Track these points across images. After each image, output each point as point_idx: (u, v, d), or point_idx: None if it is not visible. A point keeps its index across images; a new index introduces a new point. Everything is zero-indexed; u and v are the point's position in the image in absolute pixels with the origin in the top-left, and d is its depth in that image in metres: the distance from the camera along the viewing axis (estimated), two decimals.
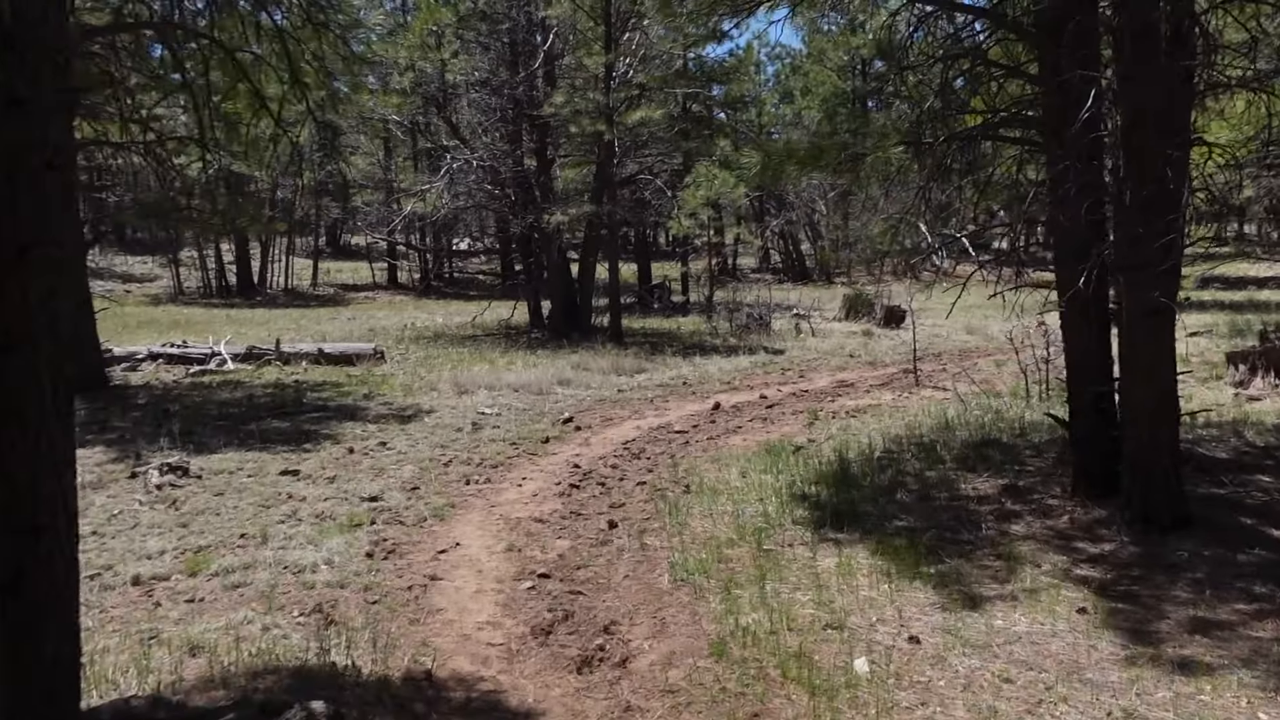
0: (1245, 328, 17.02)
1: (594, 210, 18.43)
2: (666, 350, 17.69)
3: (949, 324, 21.98)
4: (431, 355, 17.82)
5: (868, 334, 19.97)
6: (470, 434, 10.39)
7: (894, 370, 15.09)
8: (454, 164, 19.42)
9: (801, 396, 12.59)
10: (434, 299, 35.40)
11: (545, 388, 13.39)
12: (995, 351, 17.27)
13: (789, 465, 8.06)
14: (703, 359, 16.54)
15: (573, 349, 17.85)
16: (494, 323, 22.53)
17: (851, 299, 23.30)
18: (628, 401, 12.50)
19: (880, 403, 11.58)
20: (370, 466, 8.88)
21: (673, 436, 10.05)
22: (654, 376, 14.67)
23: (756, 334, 19.87)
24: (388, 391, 13.43)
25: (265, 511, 7.38)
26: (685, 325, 22.84)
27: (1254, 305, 23.86)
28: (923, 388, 12.64)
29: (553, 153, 21.09)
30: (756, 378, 14.42)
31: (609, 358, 16.11)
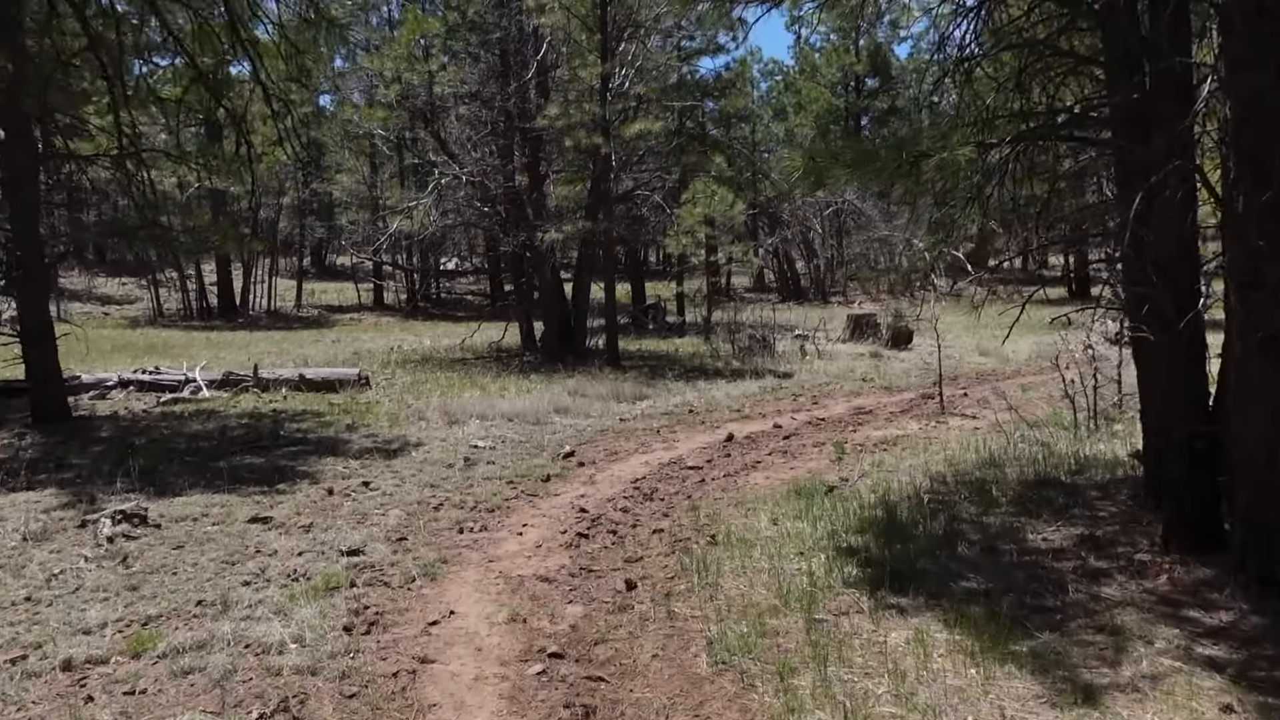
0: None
1: (590, 227, 17.54)
2: (667, 374, 16.78)
3: (958, 344, 21.17)
4: (419, 380, 16.86)
5: (876, 356, 19.11)
6: (463, 471, 9.43)
7: (912, 395, 14.20)
8: (442, 179, 18.51)
9: (819, 425, 11.68)
10: (421, 320, 34.45)
11: (542, 416, 12.45)
12: (1014, 374, 16.43)
13: (825, 510, 7.13)
14: (707, 384, 15.63)
15: (568, 373, 16.92)
16: (484, 345, 21.58)
17: (856, 319, 22.44)
18: (632, 432, 11.56)
19: (908, 433, 10.67)
20: (351, 511, 7.91)
21: (686, 473, 9.11)
22: (657, 404, 13.75)
23: (760, 356, 18.98)
24: (372, 421, 12.46)
25: (229, 570, 6.40)
26: (683, 347, 21.95)
27: None
28: (950, 415, 11.75)
29: (545, 168, 20.22)
30: (767, 404, 13.51)
31: (607, 383, 15.18)
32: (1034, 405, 12.44)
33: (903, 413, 12.56)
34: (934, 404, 13.20)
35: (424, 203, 18.60)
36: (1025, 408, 12.17)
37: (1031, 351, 18.96)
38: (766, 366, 17.60)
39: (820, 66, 50.11)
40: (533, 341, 20.71)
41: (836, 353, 19.36)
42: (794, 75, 50.74)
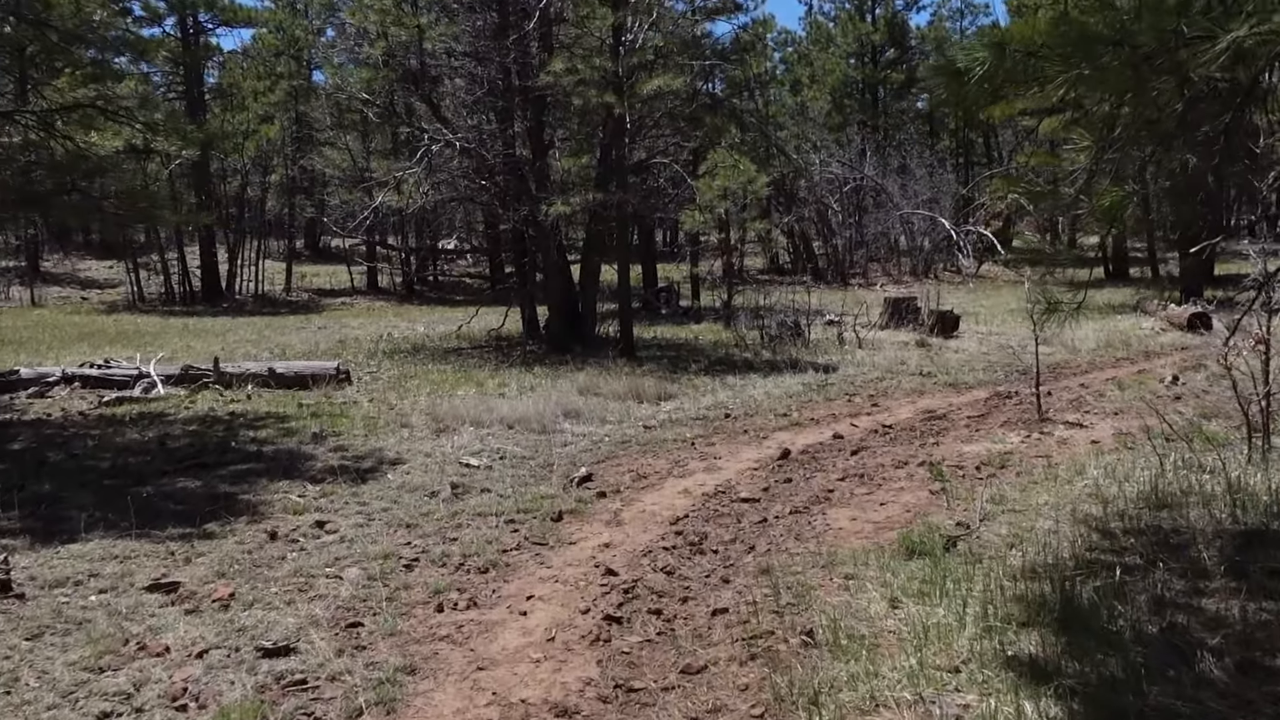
0: None
1: (601, 199, 15.35)
2: (690, 367, 14.63)
3: (1010, 332, 19.00)
4: (407, 374, 14.73)
5: (923, 345, 16.93)
6: (449, 504, 7.30)
7: (985, 394, 12.05)
8: (433, 147, 16.31)
9: (889, 436, 9.54)
10: (416, 305, 32.27)
11: (549, 423, 10.31)
12: (1090, 367, 14.28)
13: (959, 580, 4.99)
14: (739, 379, 13.48)
15: (577, 366, 14.77)
16: (482, 333, 19.43)
17: (895, 303, 20.25)
18: (661, 445, 9.42)
19: (1010, 448, 8.51)
20: (294, 571, 5.78)
21: (740, 508, 6.98)
22: (685, 405, 11.61)
23: (793, 346, 16.81)
24: (345, 429, 10.33)
25: (88, 685, 4.28)
26: (702, 334, 19.78)
27: None
28: (1050, 422, 9.58)
29: (550, 135, 18.02)
30: (817, 407, 11.36)
31: (624, 378, 13.04)
32: (1142, 408, 10.27)
33: (982, 417, 10.41)
34: (1016, 405, 11.06)
35: (413, 173, 16.41)
36: (1137, 413, 10.02)
37: (1098, 339, 16.81)
38: (803, 358, 15.44)
39: (835, 36, 47.75)
40: (536, 329, 18.57)
41: (878, 341, 17.20)
42: (807, 46, 48.32)
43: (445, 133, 16.37)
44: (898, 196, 39.72)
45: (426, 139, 16.33)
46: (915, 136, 48.42)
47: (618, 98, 14.87)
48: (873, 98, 47.63)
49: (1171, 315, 19.86)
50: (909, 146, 46.56)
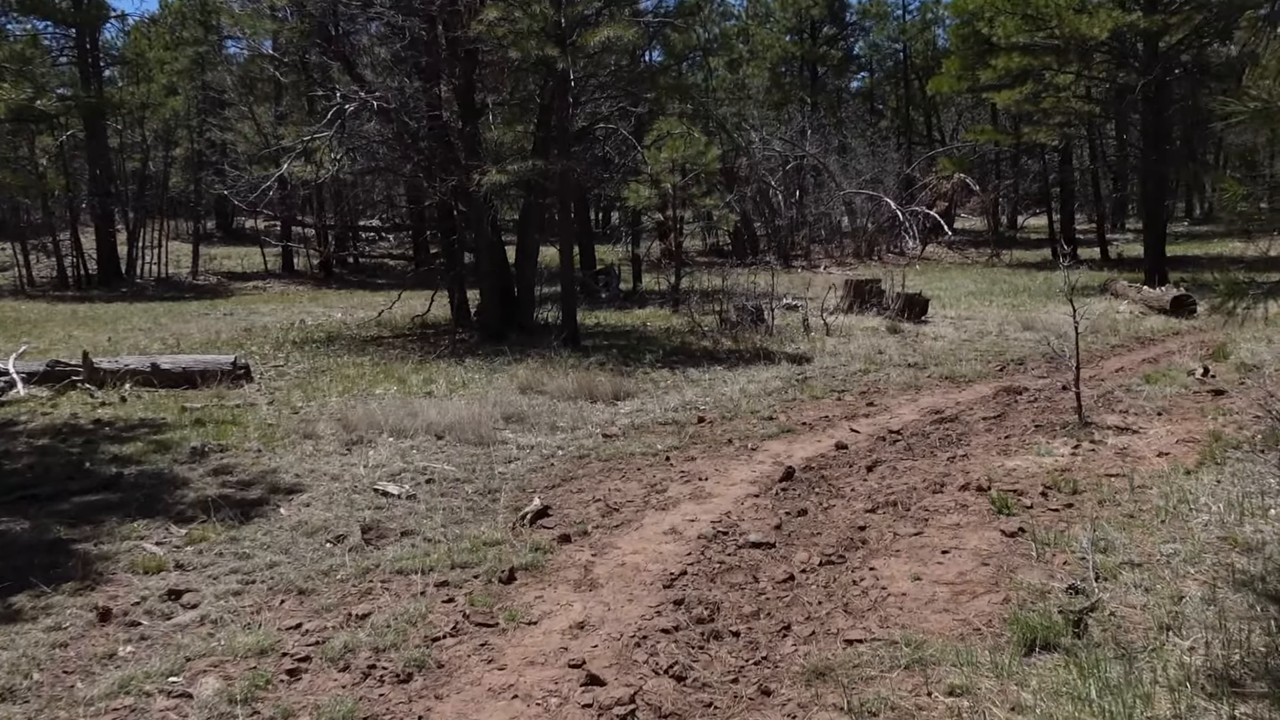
0: None
1: (542, 167, 13.45)
2: (645, 358, 12.85)
3: (985, 315, 17.55)
4: (318, 368, 12.75)
5: (896, 331, 15.36)
6: (358, 554, 5.43)
7: (986, 389, 10.48)
8: (346, 108, 14.23)
9: (901, 445, 7.87)
10: (334, 289, 29.95)
11: (486, 431, 8.44)
12: (1091, 356, 12.80)
13: (1119, 689, 3.30)
14: (703, 373, 11.74)
15: (515, 357, 12.92)
16: (406, 319, 17.43)
17: (857, 286, 18.67)
18: (629, 460, 7.62)
19: (1065, 464, 6.85)
20: (118, 685, 3.88)
21: (752, 558, 5.22)
22: (648, 406, 9.82)
23: (754, 333, 15.13)
24: (235, 441, 8.36)
25: None
26: (650, 320, 18.02)
27: None
28: (1092, 427, 7.97)
29: (482, 97, 16.03)
30: (804, 407, 9.65)
31: (572, 373, 11.22)
32: (1188, 408, 8.77)
33: (999, 418, 8.80)
34: (1032, 402, 9.49)
35: (323, 138, 14.33)
36: (1183, 414, 8.50)
37: (1084, 325, 15.34)
38: (770, 347, 13.75)
39: (774, 10, 46.18)
40: (467, 314, 16.62)
41: (846, 327, 15.58)
42: (745, 20, 46.67)
43: (360, 93, 14.29)
44: (840, 176, 38.37)
45: (339, 95, 14.22)
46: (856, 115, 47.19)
47: (560, 51, 12.98)
48: (812, 75, 46.19)
49: (1149, 298, 18.60)
50: (850, 125, 45.28)
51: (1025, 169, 42.90)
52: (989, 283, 25.45)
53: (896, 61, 47.65)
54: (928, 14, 44.91)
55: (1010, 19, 22.88)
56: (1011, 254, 35.76)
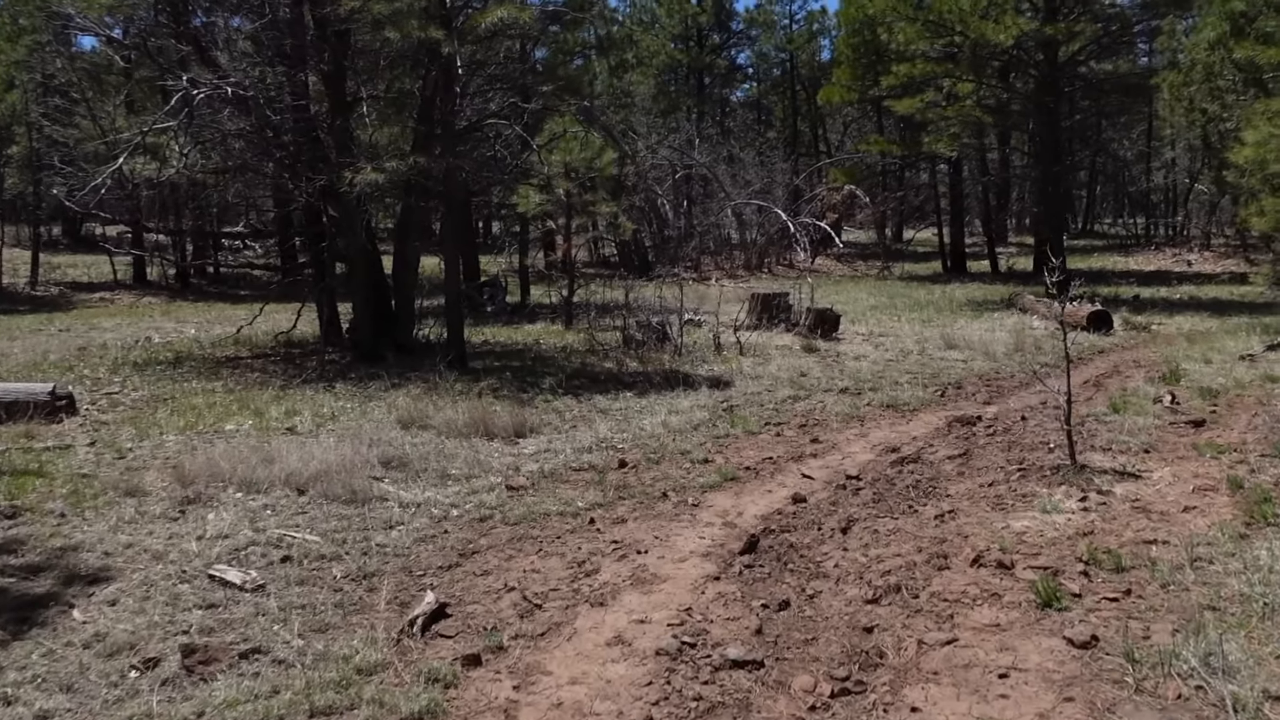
0: None
1: (424, 166, 11.81)
2: (544, 382, 11.30)
3: (900, 332, 16.55)
4: (161, 396, 10.85)
5: (811, 350, 14.20)
6: (171, 695, 3.80)
7: (935, 419, 9.30)
8: (197, 95, 12.30)
9: (867, 495, 6.55)
10: (191, 301, 27.38)
11: (362, 483, 6.79)
12: (1028, 379, 11.80)
13: None
14: (612, 400, 10.28)
15: (394, 381, 11.26)
16: (268, 336, 15.48)
17: (763, 300, 17.47)
18: (544, 523, 6.08)
19: (1082, 524, 5.60)
20: None
21: (738, 686, 3.77)
22: (557, 445, 8.30)
23: (659, 351, 13.76)
24: (33, 500, 6.53)
25: None
26: (543, 336, 16.48)
27: None
28: (1088, 471, 6.77)
29: (356, 87, 14.26)
30: (740, 444, 8.27)
31: (462, 402, 9.65)
32: (1177, 444, 7.71)
33: (965, 458, 7.58)
34: (991, 434, 8.31)
35: (167, 128, 12.38)
36: (1177, 451, 7.42)
37: (1007, 343, 14.48)
38: (680, 368, 12.40)
39: (660, 16, 45.15)
40: (338, 332, 14.79)
41: (759, 346, 14.33)
42: (631, 26, 45.50)
43: (208, 78, 12.36)
44: (729, 186, 37.53)
45: (185, 82, 12.27)
46: (744, 125, 46.60)
47: (446, 33, 11.38)
48: (699, 83, 45.29)
49: (1054, 311, 17.93)
50: (738, 135, 44.54)
51: (911, 181, 42.87)
52: (887, 297, 24.67)
53: (783, 71, 47.16)
54: (814, 24, 44.57)
55: (910, 25, 22.19)
56: (902, 267, 35.41)
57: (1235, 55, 14.05)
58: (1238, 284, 25.33)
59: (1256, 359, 12.27)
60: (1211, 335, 15.18)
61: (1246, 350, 12.84)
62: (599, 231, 35.25)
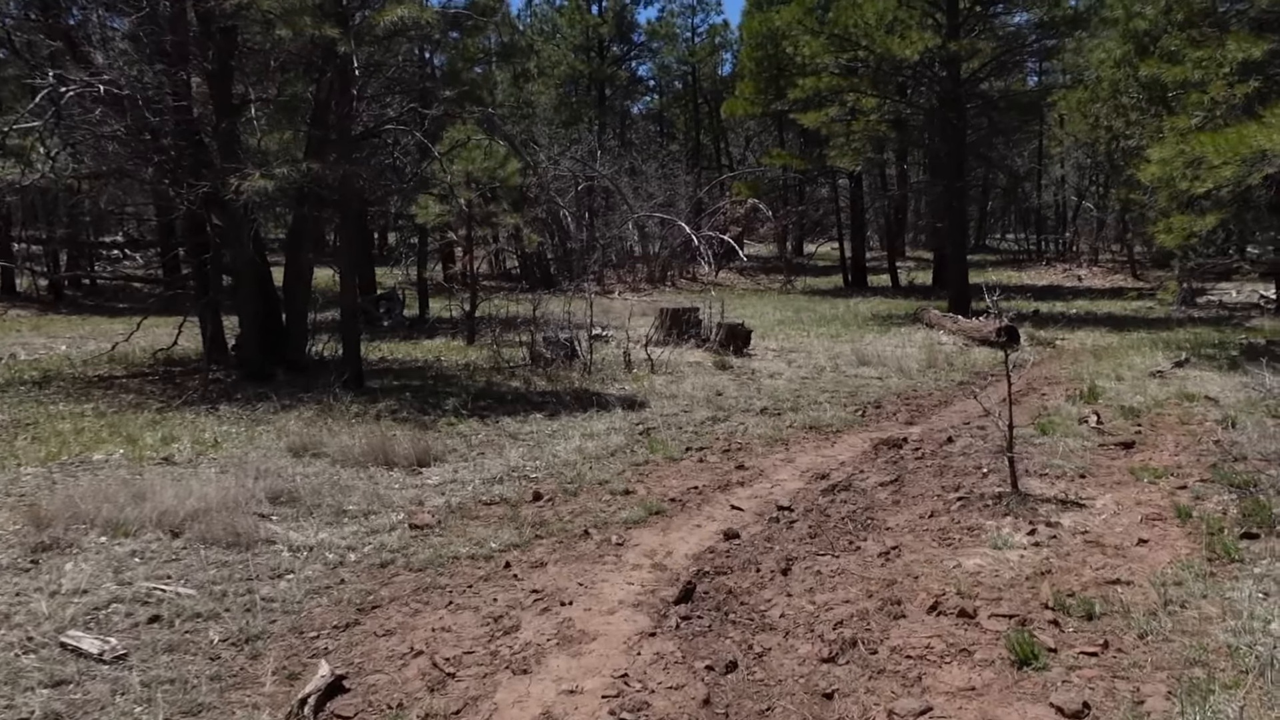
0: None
1: (317, 172, 11.05)
2: (446, 403, 10.64)
3: (812, 348, 16.27)
4: (22, 420, 9.87)
5: (725, 367, 13.82)
6: None
7: (859, 441, 8.94)
8: (65, 93, 11.31)
9: (801, 530, 6.09)
10: (65, 314, 25.77)
11: (247, 524, 6.07)
12: (945, 397, 11.60)
13: None
14: (521, 423, 9.69)
15: (284, 403, 10.49)
16: (147, 353, 14.43)
17: (672, 314, 17.05)
18: (454, 569, 5.46)
19: (1036, 560, 5.18)
20: None
21: None
22: (463, 474, 7.67)
23: (568, 369, 13.20)
24: None
25: None
26: (444, 353, 15.76)
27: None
28: (1030, 500, 6.42)
29: (244, 87, 13.39)
30: (662, 472, 7.75)
31: (359, 425, 8.98)
32: (1111, 467, 7.46)
33: (897, 483, 7.21)
34: (919, 457, 7.97)
35: (30, 128, 11.37)
36: (1113, 474, 7.16)
37: (919, 359, 14.32)
38: (591, 387, 11.86)
39: (561, 26, 44.65)
40: (223, 348, 13.85)
41: (670, 363, 13.87)
42: (532, 36, 44.87)
43: (79, 76, 11.39)
44: (631, 199, 37.18)
45: (52, 76, 11.27)
46: (646, 137, 46.38)
47: (342, 32, 10.66)
48: (600, 95, 44.87)
49: (968, 329, 17.93)
50: (640, 147, 44.24)
51: (812, 196, 43.10)
52: (793, 311, 24.54)
53: (685, 84, 47.07)
54: (715, 37, 44.54)
55: (815, 40, 22.08)
56: (804, 281, 35.49)
57: (1141, 73, 14.14)
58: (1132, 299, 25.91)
59: (1166, 375, 12.29)
60: (1116, 351, 15.25)
61: (1156, 367, 12.87)
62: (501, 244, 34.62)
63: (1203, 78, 12.54)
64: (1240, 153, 9.76)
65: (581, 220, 37.51)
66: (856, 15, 20.77)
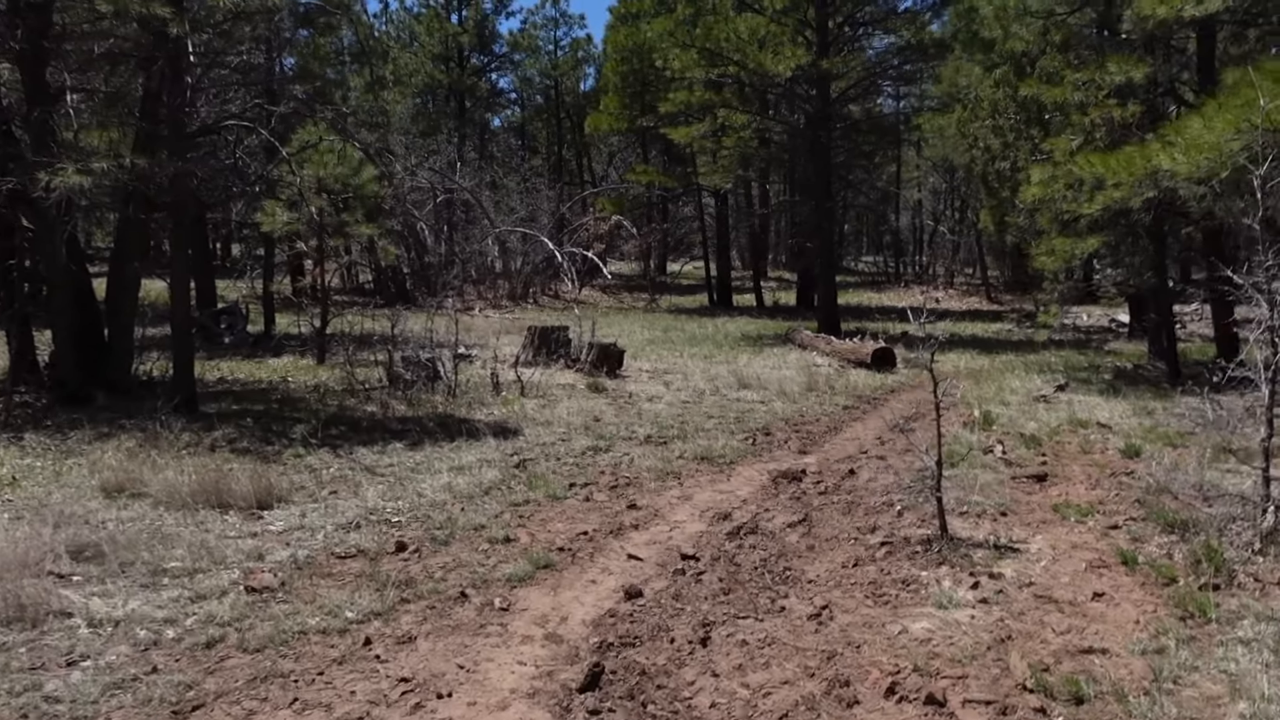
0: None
1: (144, 169, 9.72)
2: (294, 430, 9.46)
3: (687, 369, 15.57)
4: None
5: (599, 389, 12.99)
6: None
7: (755, 473, 8.21)
8: None
9: (713, 585, 5.29)
10: None
11: (36, 590, 4.88)
12: (834, 423, 11.04)
13: None
14: (382, 454, 8.62)
15: (105, 431, 9.14)
16: None
17: (541, 333, 16.11)
18: (300, 650, 4.41)
19: (1004, 630, 4.47)
20: None
21: None
22: (312, 517, 6.58)
23: (430, 392, 12.13)
24: None
25: None
26: (292, 373, 14.44)
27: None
28: (962, 546, 5.77)
29: (63, 75, 11.85)
30: (545, 513, 6.81)
31: (188, 458, 7.79)
32: (1030, 503, 6.93)
33: (805, 524, 6.49)
34: (823, 493, 7.29)
35: None
36: (1036, 511, 6.61)
37: (799, 383, 13.78)
38: (457, 413, 10.84)
39: (420, 34, 43.21)
40: (34, 367, 12.22)
41: (541, 385, 12.93)
42: (389, 42, 43.26)
43: None
44: (492, 212, 36.09)
45: None
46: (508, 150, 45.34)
47: (175, 12, 9.41)
48: (460, 106, 43.56)
49: (842, 350, 17.58)
50: (501, 161, 43.14)
51: (675, 214, 42.81)
52: (661, 330, 23.91)
53: (548, 98, 46.21)
54: (579, 51, 43.86)
55: (686, 53, 21.58)
56: (669, 299, 35.03)
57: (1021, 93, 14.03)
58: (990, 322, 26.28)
59: (1050, 400, 12.07)
60: (991, 374, 15.09)
61: (1039, 391, 12.66)
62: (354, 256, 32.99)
63: (1082, 99, 12.40)
64: (1135, 173, 9.50)
65: (440, 234, 36.19)
66: (729, 29, 20.35)
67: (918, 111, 26.52)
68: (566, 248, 34.79)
